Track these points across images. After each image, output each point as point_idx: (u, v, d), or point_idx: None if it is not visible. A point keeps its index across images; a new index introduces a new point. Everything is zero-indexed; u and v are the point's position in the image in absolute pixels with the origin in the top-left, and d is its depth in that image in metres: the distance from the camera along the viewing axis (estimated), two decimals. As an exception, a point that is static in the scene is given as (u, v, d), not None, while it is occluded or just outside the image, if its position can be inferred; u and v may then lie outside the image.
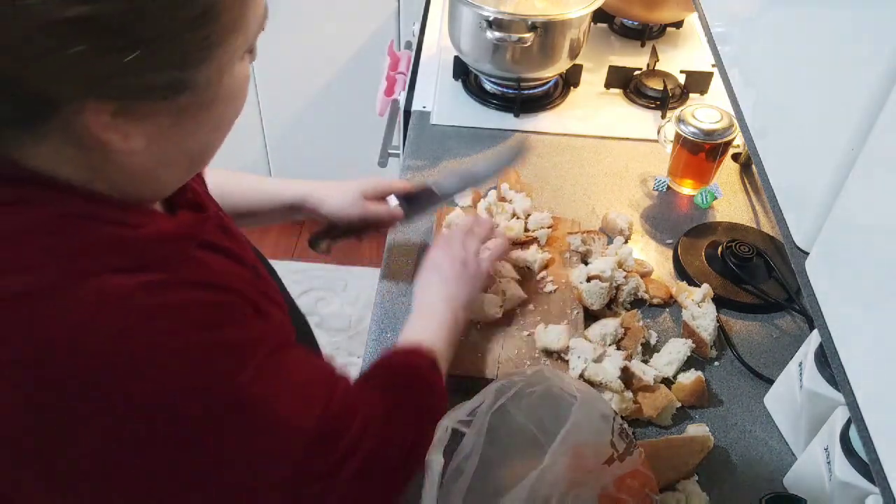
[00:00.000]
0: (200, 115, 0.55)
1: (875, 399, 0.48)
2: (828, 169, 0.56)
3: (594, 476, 0.76)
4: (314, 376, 0.64)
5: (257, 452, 0.57)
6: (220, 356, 0.55)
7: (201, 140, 0.58)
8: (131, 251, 0.53)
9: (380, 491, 0.67)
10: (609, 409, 0.80)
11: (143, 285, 0.52)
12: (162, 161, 0.56)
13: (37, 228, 0.51)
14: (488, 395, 0.82)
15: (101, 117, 0.49)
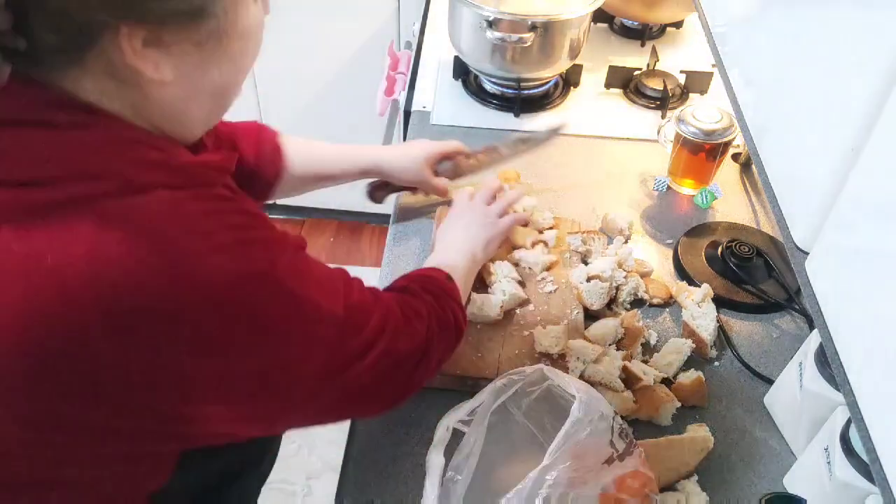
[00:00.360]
0: (219, 49, 0.60)
1: (875, 399, 0.48)
2: (828, 169, 0.56)
3: (594, 476, 0.76)
4: (332, 273, 0.71)
5: (298, 337, 0.62)
6: (259, 249, 0.60)
7: (222, 77, 0.63)
8: (177, 173, 0.59)
9: (400, 377, 0.75)
10: (609, 408, 0.80)
11: (192, 196, 0.58)
12: (191, 96, 0.62)
13: (94, 148, 0.56)
14: (488, 394, 0.82)
15: (134, 44, 0.54)
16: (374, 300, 0.74)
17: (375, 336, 0.70)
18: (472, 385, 0.95)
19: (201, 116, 0.66)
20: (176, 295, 0.54)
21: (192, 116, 0.64)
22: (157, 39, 0.56)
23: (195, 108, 0.64)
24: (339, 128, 2.36)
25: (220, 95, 0.66)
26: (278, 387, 0.63)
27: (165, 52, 0.57)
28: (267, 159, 1.02)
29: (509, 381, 0.83)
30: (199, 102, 0.64)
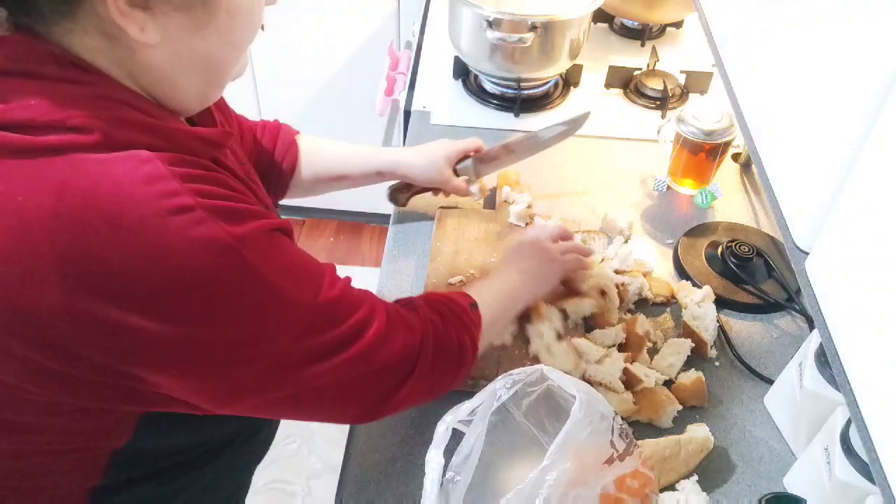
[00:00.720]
0: (206, 18, 0.61)
1: (875, 399, 0.48)
2: (828, 169, 0.56)
3: (594, 476, 0.76)
4: (313, 264, 0.68)
5: (255, 319, 0.60)
6: (227, 219, 0.58)
7: (210, 49, 0.63)
8: (163, 137, 0.59)
9: (373, 391, 0.71)
10: (609, 409, 0.79)
11: (168, 160, 0.57)
12: (177, 62, 0.62)
13: (78, 102, 0.56)
14: (488, 394, 0.82)
15: (119, 3, 0.55)
16: (359, 301, 0.70)
17: (349, 338, 0.67)
18: (472, 385, 0.95)
19: (192, 88, 0.65)
20: (132, 251, 0.54)
21: (182, 86, 0.64)
22: (143, 2, 0.57)
23: (183, 76, 0.64)
24: (339, 128, 2.36)
25: (211, 69, 0.65)
26: (227, 367, 0.61)
27: (151, 14, 0.58)
28: (283, 154, 1.03)
29: (509, 382, 0.82)
30: (188, 71, 0.64)
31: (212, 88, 0.68)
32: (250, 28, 0.66)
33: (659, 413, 0.92)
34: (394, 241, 1.16)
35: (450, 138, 1.36)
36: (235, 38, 0.65)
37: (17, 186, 0.54)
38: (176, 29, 0.60)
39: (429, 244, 1.14)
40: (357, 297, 0.70)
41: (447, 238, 1.13)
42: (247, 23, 0.65)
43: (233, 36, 0.65)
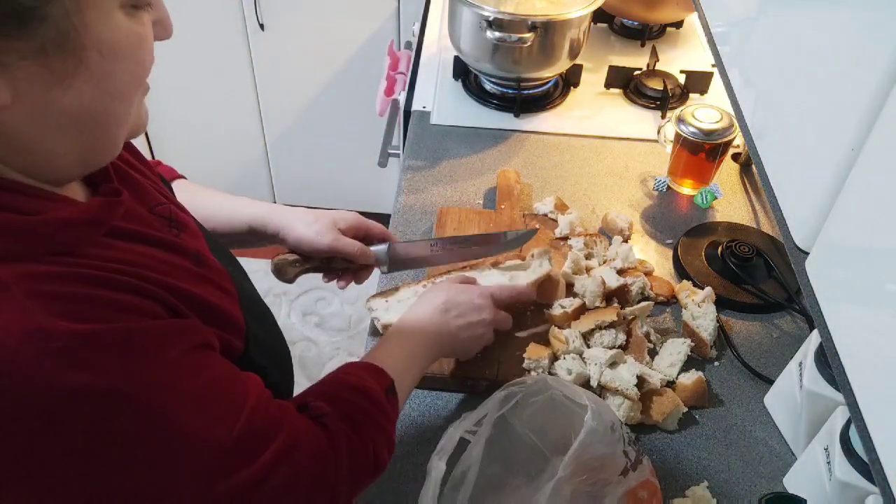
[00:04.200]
0: (68, 64, 0.49)
1: (875, 399, 0.48)
2: (828, 169, 0.56)
3: (612, 488, 0.76)
4: (231, 388, 0.59)
5: (159, 461, 0.52)
6: (115, 351, 0.49)
7: (85, 102, 0.52)
8: (21, 238, 0.49)
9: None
10: (616, 418, 0.79)
11: (28, 275, 0.48)
12: (42, 125, 0.51)
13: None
14: (492, 405, 0.82)
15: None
16: (278, 422, 0.61)
17: (270, 469, 0.58)
18: (472, 385, 0.95)
19: (67, 152, 0.54)
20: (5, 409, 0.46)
21: (50, 150, 0.53)
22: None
23: (51, 140, 0.52)
24: (339, 128, 2.36)
25: (89, 127, 0.54)
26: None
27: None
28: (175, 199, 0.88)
29: (510, 392, 0.82)
30: (57, 133, 0.52)
31: (98, 149, 0.56)
32: (136, 70, 0.54)
33: (665, 415, 0.91)
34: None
35: (449, 139, 1.36)
36: (117, 85, 0.53)
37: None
38: (30, 82, 0.48)
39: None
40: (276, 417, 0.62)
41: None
42: (130, 65, 0.53)
43: (113, 82, 0.53)
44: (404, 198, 1.23)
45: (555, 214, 1.18)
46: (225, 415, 0.56)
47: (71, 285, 0.50)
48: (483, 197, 1.24)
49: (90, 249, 0.54)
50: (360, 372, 0.74)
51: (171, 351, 0.53)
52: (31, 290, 0.47)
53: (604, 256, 1.12)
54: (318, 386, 0.73)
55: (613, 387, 0.91)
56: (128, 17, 0.52)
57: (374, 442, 0.69)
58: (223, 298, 0.65)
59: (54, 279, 0.49)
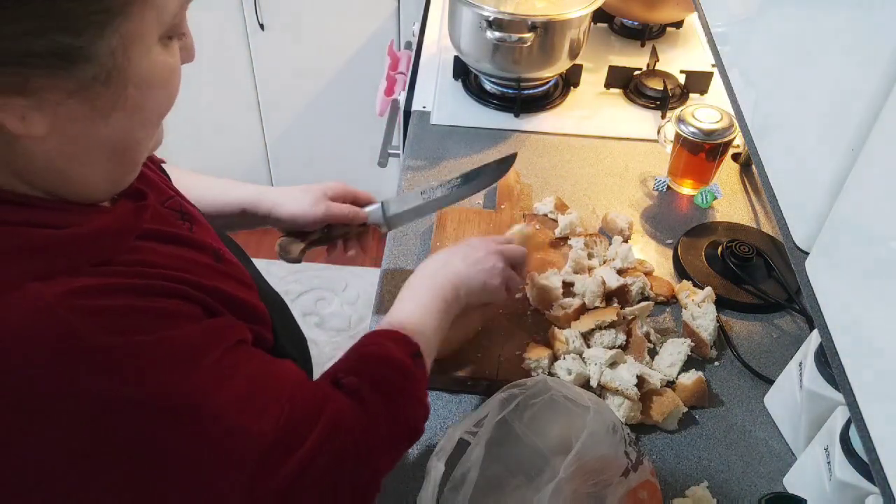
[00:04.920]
0: (107, 98, 0.50)
1: (875, 399, 0.48)
2: (828, 169, 0.56)
3: (612, 489, 0.76)
4: (270, 380, 0.60)
5: (208, 461, 0.53)
6: (159, 361, 0.51)
7: (117, 132, 0.52)
8: (57, 254, 0.50)
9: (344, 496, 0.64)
10: (617, 419, 0.79)
11: (71, 292, 0.48)
12: (74, 153, 0.52)
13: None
14: (492, 406, 0.82)
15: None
16: (318, 406, 0.62)
17: (312, 455, 0.59)
18: (472, 385, 0.95)
19: (98, 177, 0.55)
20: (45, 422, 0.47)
21: (84, 177, 0.54)
22: (20, 86, 0.46)
23: (85, 167, 0.53)
24: (339, 128, 2.36)
25: (120, 152, 0.55)
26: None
27: (34, 101, 0.47)
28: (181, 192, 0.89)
29: (510, 394, 0.82)
30: (90, 161, 0.53)
31: (125, 172, 0.57)
32: (167, 98, 0.55)
33: (665, 415, 0.91)
34: (394, 241, 1.16)
35: (449, 139, 1.36)
36: (149, 114, 0.54)
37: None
38: (69, 117, 0.49)
39: (429, 244, 1.14)
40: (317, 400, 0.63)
41: (447, 238, 1.13)
42: (162, 94, 0.54)
43: (146, 112, 0.54)
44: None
45: (555, 214, 1.18)
46: (267, 407, 0.57)
47: (111, 297, 0.50)
48: (483, 197, 1.24)
49: (123, 256, 0.55)
50: (385, 341, 0.74)
51: (211, 354, 0.54)
52: (75, 307, 0.48)
53: (604, 256, 1.12)
54: (344, 360, 0.73)
55: (613, 387, 0.91)
56: (163, 48, 0.53)
57: (407, 410, 0.70)
58: (247, 293, 0.66)
59: (94, 293, 0.50)
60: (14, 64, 0.45)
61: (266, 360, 0.62)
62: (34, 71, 0.46)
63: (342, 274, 2.45)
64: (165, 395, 0.51)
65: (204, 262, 0.63)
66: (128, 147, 0.55)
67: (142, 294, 0.53)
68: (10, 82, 0.46)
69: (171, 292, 0.55)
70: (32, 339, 0.47)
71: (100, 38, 0.47)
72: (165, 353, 0.52)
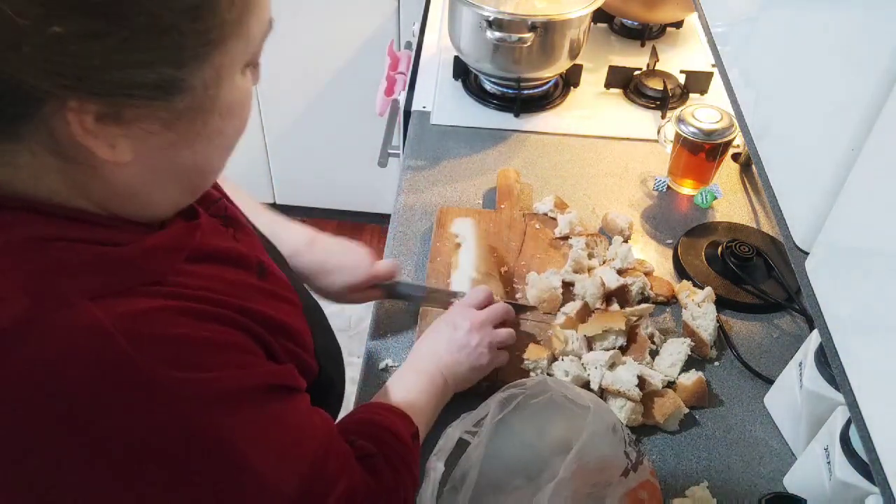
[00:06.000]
0: (195, 127, 0.51)
1: (875, 399, 0.48)
2: (828, 169, 0.56)
3: (612, 489, 0.76)
4: (303, 436, 0.60)
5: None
6: (203, 401, 0.51)
7: (197, 158, 0.53)
8: (111, 272, 0.50)
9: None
10: (617, 419, 0.79)
11: (128, 316, 0.48)
12: (153, 179, 0.52)
13: (4, 255, 0.47)
14: (492, 406, 0.82)
15: (84, 119, 0.45)
16: (339, 470, 0.62)
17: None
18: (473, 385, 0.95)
19: (166, 201, 0.56)
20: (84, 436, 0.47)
21: (154, 200, 0.55)
22: (117, 115, 0.46)
23: (158, 191, 0.54)
24: (339, 128, 2.36)
25: (193, 177, 0.56)
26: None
27: (127, 129, 0.47)
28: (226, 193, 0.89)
29: (510, 394, 0.82)
30: (166, 185, 0.54)
31: (193, 195, 0.58)
32: (243, 123, 0.56)
33: (666, 416, 0.91)
34: (394, 241, 1.16)
35: (449, 139, 1.36)
36: (228, 140, 0.55)
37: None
38: (155, 143, 0.50)
39: (429, 244, 1.14)
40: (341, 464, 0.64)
41: (447, 238, 1.13)
42: (242, 120, 0.55)
43: (224, 139, 0.55)
44: (404, 198, 1.23)
45: (554, 214, 1.18)
46: (295, 464, 0.57)
47: (169, 325, 0.50)
48: (483, 197, 1.24)
49: (173, 277, 0.54)
50: (393, 416, 0.76)
51: (265, 402, 0.55)
52: (133, 333, 0.48)
53: (604, 256, 1.12)
54: (356, 422, 0.75)
55: (614, 389, 0.91)
56: (242, 75, 0.53)
57: (406, 485, 0.72)
58: (292, 314, 0.66)
59: (153, 318, 0.50)
60: (118, 95, 0.45)
61: (304, 412, 0.62)
62: (134, 101, 0.46)
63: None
64: (206, 436, 0.51)
65: (250, 283, 0.63)
66: (202, 172, 0.56)
67: (196, 319, 0.53)
68: (109, 112, 0.46)
69: (221, 318, 0.55)
70: (84, 362, 0.47)
71: (199, 70, 0.48)
72: (216, 394, 0.52)
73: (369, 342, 1.01)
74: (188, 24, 0.46)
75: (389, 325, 1.03)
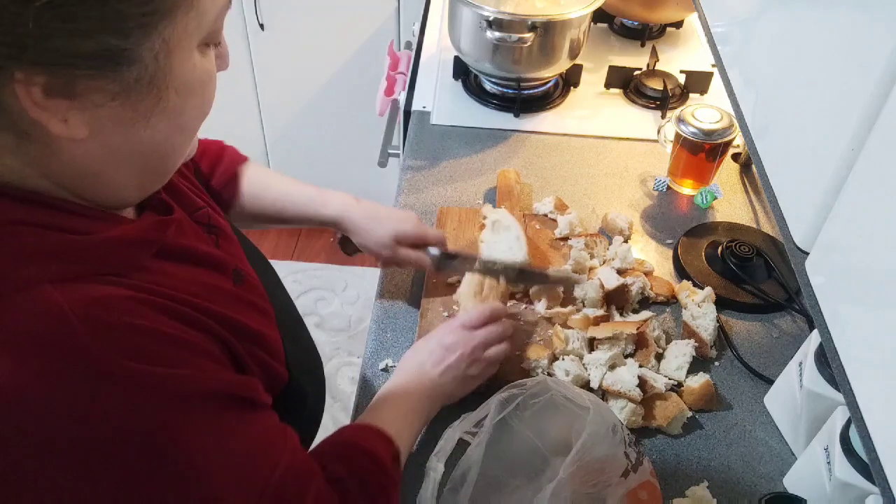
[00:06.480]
0: (149, 102, 0.50)
1: (875, 399, 0.48)
2: (828, 169, 0.55)
3: (612, 490, 0.76)
4: (265, 450, 0.58)
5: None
6: (158, 397, 0.49)
7: (155, 136, 0.52)
8: (76, 259, 0.50)
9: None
10: (617, 419, 0.79)
11: (89, 302, 0.48)
12: (111, 158, 0.52)
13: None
14: (492, 406, 0.82)
15: (33, 91, 0.45)
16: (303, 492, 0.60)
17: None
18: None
19: (129, 181, 0.55)
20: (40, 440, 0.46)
21: (117, 180, 0.54)
22: (66, 88, 0.46)
23: (120, 171, 0.53)
24: (339, 128, 2.36)
25: (154, 159, 0.55)
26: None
27: (78, 103, 0.47)
28: (222, 183, 0.92)
29: (510, 395, 0.82)
30: (126, 165, 0.53)
31: (157, 178, 0.57)
32: (204, 104, 0.55)
33: (669, 419, 0.91)
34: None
35: (449, 139, 1.36)
36: (187, 120, 0.55)
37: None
38: (109, 117, 0.49)
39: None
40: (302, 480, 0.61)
41: (447, 238, 1.13)
42: (200, 100, 0.55)
43: (184, 118, 0.54)
44: (404, 198, 1.23)
45: (554, 214, 1.18)
46: (251, 482, 0.55)
47: (128, 315, 0.49)
48: (483, 197, 1.24)
49: (139, 272, 0.54)
50: (372, 437, 0.74)
51: (217, 406, 0.53)
52: (90, 321, 0.47)
53: (604, 257, 1.12)
54: (331, 445, 0.73)
55: (615, 390, 0.91)
56: (201, 54, 0.53)
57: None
58: (263, 323, 0.65)
59: (112, 306, 0.49)
60: (62, 65, 0.45)
61: (264, 429, 0.60)
62: (80, 72, 0.46)
63: (342, 274, 2.45)
64: (158, 436, 0.49)
65: (223, 288, 0.62)
66: (164, 153, 0.55)
67: (159, 313, 0.52)
68: (56, 83, 0.46)
69: (186, 318, 0.54)
70: (38, 346, 0.46)
71: (145, 41, 0.47)
72: (175, 392, 0.50)
73: (369, 342, 1.01)
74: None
75: (389, 325, 1.03)
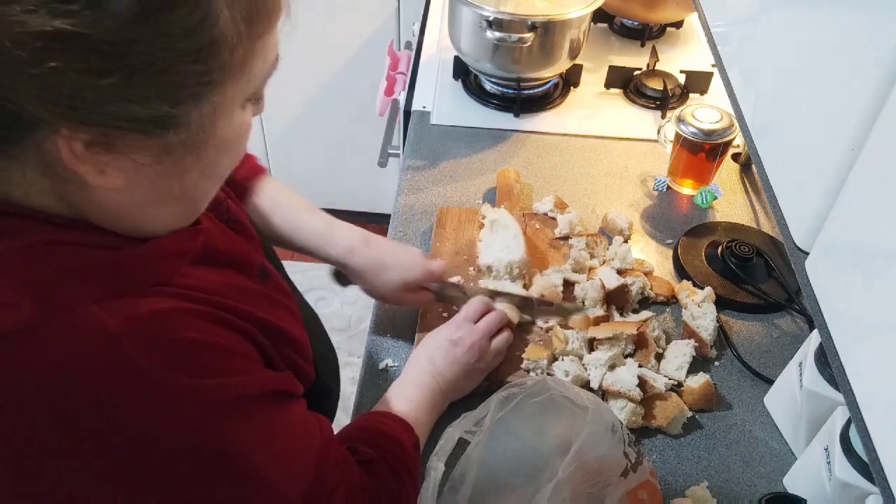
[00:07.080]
0: (187, 158, 0.51)
1: (875, 399, 0.48)
2: (828, 169, 0.55)
3: (612, 490, 0.76)
4: (305, 440, 0.61)
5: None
6: (211, 408, 0.51)
7: (188, 186, 0.53)
8: (115, 275, 0.50)
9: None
10: (616, 419, 0.79)
11: (135, 319, 0.49)
12: (144, 204, 0.52)
13: (7, 261, 0.47)
14: (492, 405, 0.82)
15: (74, 146, 0.45)
16: (339, 475, 0.64)
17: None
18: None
19: (159, 223, 0.55)
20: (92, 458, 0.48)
21: (146, 222, 0.54)
22: (106, 144, 0.46)
23: (149, 215, 0.54)
24: (339, 128, 2.36)
25: (187, 202, 0.55)
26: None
27: (115, 157, 0.47)
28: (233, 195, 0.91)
29: (510, 394, 0.82)
30: (156, 211, 0.54)
31: (187, 218, 0.58)
32: (239, 154, 0.56)
33: (669, 420, 0.91)
34: (395, 240, 1.16)
35: (449, 139, 1.36)
36: (221, 170, 0.56)
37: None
38: (146, 173, 0.50)
39: (429, 244, 1.14)
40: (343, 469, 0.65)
41: (447, 238, 1.13)
42: (237, 153, 0.56)
43: (218, 169, 0.55)
44: (404, 198, 1.23)
45: (554, 214, 1.18)
46: (299, 471, 0.58)
47: (176, 328, 0.50)
48: (483, 197, 1.24)
49: (177, 280, 0.54)
50: (394, 424, 0.78)
51: (269, 408, 0.55)
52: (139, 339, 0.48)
53: (604, 257, 1.12)
54: (358, 430, 0.77)
55: (615, 390, 0.90)
56: (241, 109, 0.53)
57: (408, 491, 0.73)
58: (291, 322, 0.67)
59: (159, 321, 0.50)
60: (111, 127, 0.45)
61: (303, 418, 0.62)
62: (127, 134, 0.46)
63: (342, 274, 2.45)
64: (212, 443, 0.51)
65: (251, 288, 0.63)
66: (196, 198, 0.56)
67: (204, 321, 0.53)
68: (97, 138, 0.46)
69: (225, 322, 0.55)
70: (90, 368, 0.47)
71: (196, 108, 0.48)
72: (226, 400, 0.52)
73: (369, 342, 1.01)
74: (189, 66, 0.46)
75: (389, 325, 1.03)
